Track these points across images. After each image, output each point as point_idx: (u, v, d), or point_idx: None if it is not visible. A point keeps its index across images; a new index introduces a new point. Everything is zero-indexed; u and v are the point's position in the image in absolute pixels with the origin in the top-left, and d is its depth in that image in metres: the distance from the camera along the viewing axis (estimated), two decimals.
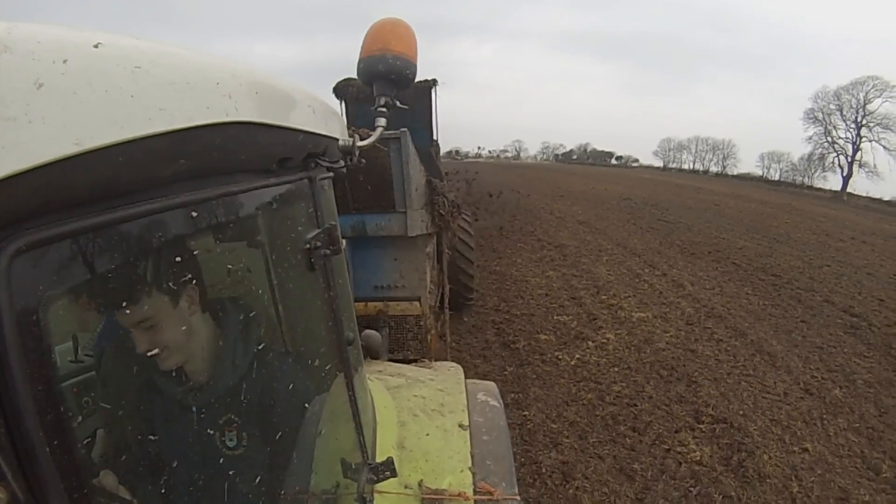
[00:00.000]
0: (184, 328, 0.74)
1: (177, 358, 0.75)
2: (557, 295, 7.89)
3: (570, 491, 3.53)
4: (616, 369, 5.38)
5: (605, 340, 6.08)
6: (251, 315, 0.86)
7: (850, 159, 40.98)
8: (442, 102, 5.75)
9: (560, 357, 5.63)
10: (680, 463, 3.92)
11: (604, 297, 7.80)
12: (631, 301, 7.61)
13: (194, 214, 0.60)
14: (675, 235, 13.48)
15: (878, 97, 38.91)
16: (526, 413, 4.51)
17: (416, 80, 1.30)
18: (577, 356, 5.64)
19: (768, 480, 3.76)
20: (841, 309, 7.95)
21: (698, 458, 3.96)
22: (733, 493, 3.59)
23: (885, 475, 3.93)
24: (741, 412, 4.69)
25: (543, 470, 3.75)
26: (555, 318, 6.86)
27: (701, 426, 4.44)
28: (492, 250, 10.75)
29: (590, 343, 6.02)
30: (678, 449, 4.09)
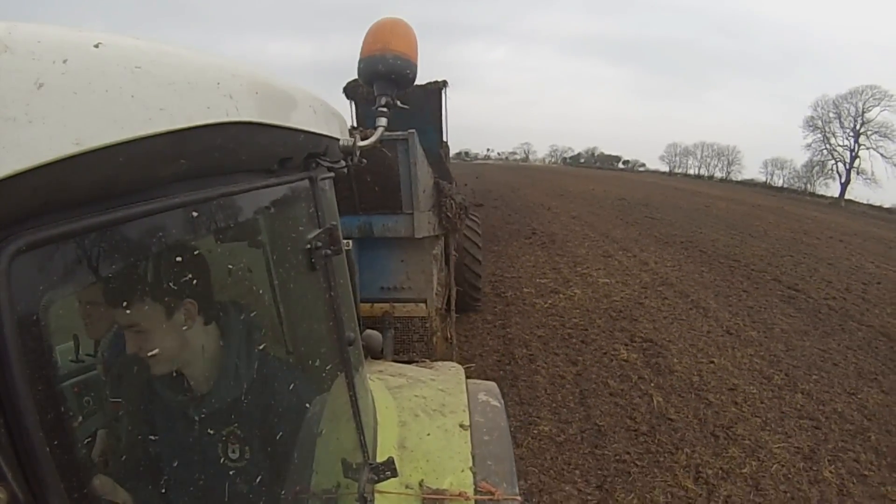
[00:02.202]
0: (184, 328, 0.74)
1: (175, 360, 0.75)
2: (542, 266, 9.80)
3: (533, 367, 5.43)
4: (577, 311, 7.24)
5: (572, 294, 7.98)
6: (252, 316, 0.86)
7: (848, 166, 41.63)
8: (452, 104, 5.77)
9: (536, 302, 7.55)
10: (612, 360, 5.66)
11: (579, 269, 9.64)
12: (600, 272, 9.42)
13: (195, 215, 0.60)
14: (655, 229, 14.89)
15: (877, 106, 39.67)
16: (508, 330, 6.48)
17: (427, 81, 1.30)
18: (550, 302, 7.58)
19: (675, 374, 5.34)
20: (786, 286, 9.32)
21: (625, 358, 5.66)
22: (646, 377, 5.25)
23: (775, 382, 5.34)
24: (667, 339, 6.28)
25: (516, 357, 5.68)
26: (537, 280, 8.77)
27: (633, 344, 6.12)
28: (492, 236, 12.06)
29: (560, 295, 7.90)
30: (612, 353, 5.81)
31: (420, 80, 1.31)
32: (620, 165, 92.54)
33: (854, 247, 14.69)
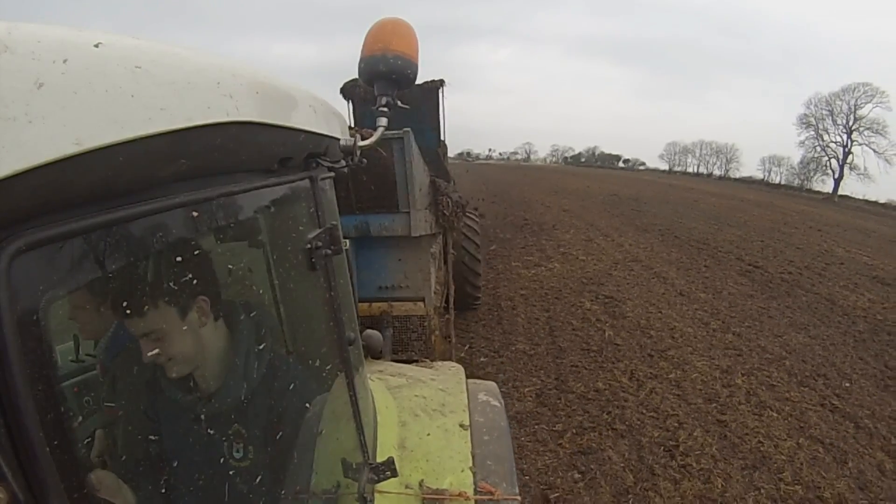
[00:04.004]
0: (184, 328, 0.73)
1: (178, 362, 0.75)
2: (530, 248, 11.34)
3: (514, 312, 7.04)
4: (555, 278, 8.80)
5: (552, 267, 9.59)
6: (252, 316, 0.86)
7: (841, 162, 42.36)
8: (456, 105, 5.86)
9: (522, 272, 9.20)
10: (577, 309, 7.19)
11: (562, 249, 11.16)
12: (579, 251, 11.01)
13: (195, 214, 0.60)
14: (638, 219, 16.11)
15: (869, 103, 40.45)
16: (497, 290, 8.03)
17: (424, 80, 1.29)
18: (533, 272, 9.20)
19: (627, 318, 6.79)
20: (747, 263, 10.44)
21: (589, 308, 7.21)
22: (602, 319, 6.74)
23: (711, 326, 6.64)
24: (626, 297, 7.73)
25: (502, 307, 7.28)
26: (524, 257, 10.36)
27: (597, 299, 7.61)
28: (487, 228, 13.41)
29: (542, 268, 9.51)
30: (578, 304, 7.38)
31: (418, 79, 1.31)
32: (620, 164, 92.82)
33: (831, 235, 15.21)
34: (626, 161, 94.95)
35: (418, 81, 1.31)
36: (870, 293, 8.64)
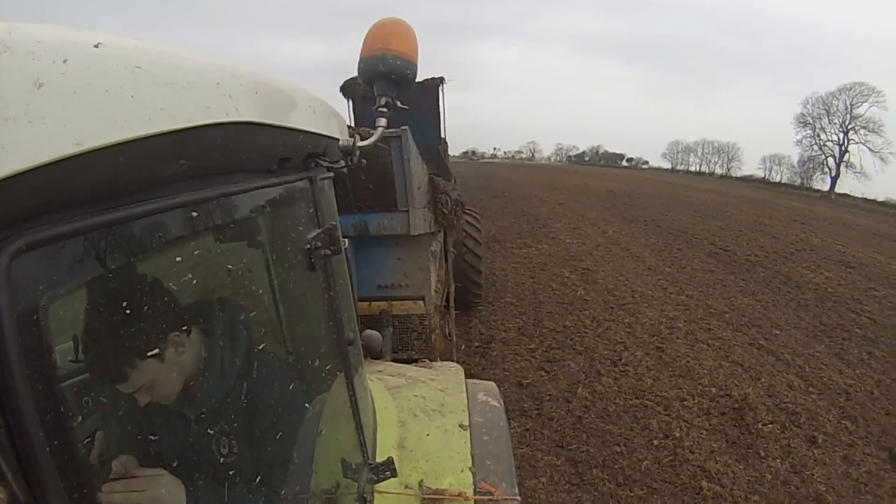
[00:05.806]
0: (184, 328, 0.73)
1: (172, 393, 0.75)
2: (524, 235, 12.69)
3: (506, 279, 8.58)
4: (542, 256, 10.24)
5: (541, 248, 11.08)
6: (251, 317, 0.86)
7: (837, 161, 42.84)
8: (462, 104, 5.88)
9: (515, 252, 10.68)
10: (558, 277, 8.70)
11: (552, 236, 12.50)
12: (567, 237, 12.36)
13: (194, 214, 0.60)
14: (627, 212, 17.25)
15: (865, 102, 40.80)
16: (493, 265, 9.26)
17: (424, 77, 1.29)
18: (524, 252, 10.68)
19: (597, 283, 8.28)
20: (717, 247, 11.58)
21: (567, 276, 8.73)
22: (577, 283, 8.27)
23: (669, 291, 8.00)
24: (602, 271, 9.14)
25: (497, 276, 8.68)
26: (518, 240, 11.86)
27: (575, 271, 9.09)
28: (488, 218, 14.19)
29: (532, 249, 11.01)
30: (559, 273, 8.92)
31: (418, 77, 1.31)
32: (624, 163, 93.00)
33: (812, 227, 15.62)
34: (629, 160, 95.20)
35: (418, 79, 1.31)
36: (829, 273, 9.54)
